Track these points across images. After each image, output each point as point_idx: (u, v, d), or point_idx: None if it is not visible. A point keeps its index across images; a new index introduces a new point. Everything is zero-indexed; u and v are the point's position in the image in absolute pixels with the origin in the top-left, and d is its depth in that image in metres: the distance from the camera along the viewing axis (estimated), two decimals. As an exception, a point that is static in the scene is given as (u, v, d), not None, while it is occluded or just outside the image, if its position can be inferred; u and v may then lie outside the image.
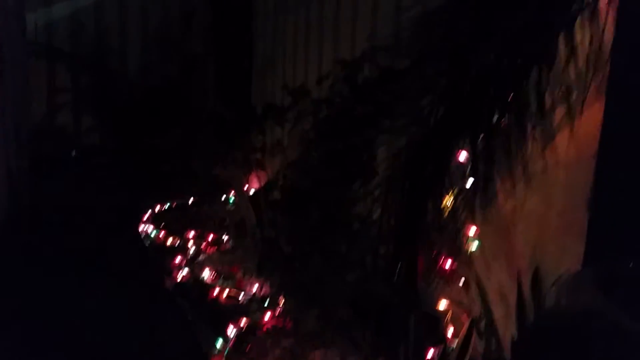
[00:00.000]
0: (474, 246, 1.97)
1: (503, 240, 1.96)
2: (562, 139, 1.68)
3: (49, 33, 5.70)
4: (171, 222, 4.11)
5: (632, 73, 1.52)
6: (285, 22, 3.81)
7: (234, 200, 4.07)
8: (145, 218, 4.16)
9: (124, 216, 4.08)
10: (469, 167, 1.61)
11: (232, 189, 4.04)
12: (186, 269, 3.37)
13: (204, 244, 3.74)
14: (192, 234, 3.79)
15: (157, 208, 4.31)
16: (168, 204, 4.38)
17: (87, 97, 5.77)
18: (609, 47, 1.50)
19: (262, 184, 3.55)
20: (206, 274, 3.24)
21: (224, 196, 4.21)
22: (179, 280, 3.31)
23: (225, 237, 3.78)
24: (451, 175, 1.62)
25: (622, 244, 1.60)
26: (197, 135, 3.74)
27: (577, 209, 1.74)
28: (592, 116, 1.63)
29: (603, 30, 1.45)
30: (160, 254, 3.67)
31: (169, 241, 3.80)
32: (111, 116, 5.73)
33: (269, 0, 4.07)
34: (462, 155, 1.62)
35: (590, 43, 1.47)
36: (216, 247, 3.75)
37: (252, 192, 3.81)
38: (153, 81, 5.72)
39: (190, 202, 4.41)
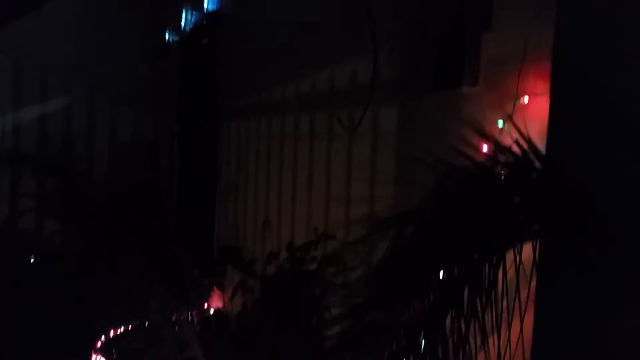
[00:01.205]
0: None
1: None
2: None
3: (16, 136, 5.70)
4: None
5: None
6: (247, 151, 3.83)
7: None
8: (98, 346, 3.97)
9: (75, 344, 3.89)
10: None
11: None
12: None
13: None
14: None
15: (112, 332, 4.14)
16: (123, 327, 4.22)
17: (51, 202, 5.69)
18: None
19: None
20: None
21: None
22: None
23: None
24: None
25: None
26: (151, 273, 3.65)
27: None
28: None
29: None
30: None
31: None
32: (74, 223, 5.64)
33: (233, 128, 4.11)
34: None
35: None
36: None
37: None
38: (119, 187, 5.72)
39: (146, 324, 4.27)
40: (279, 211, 3.32)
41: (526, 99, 1.59)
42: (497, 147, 1.40)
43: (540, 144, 1.55)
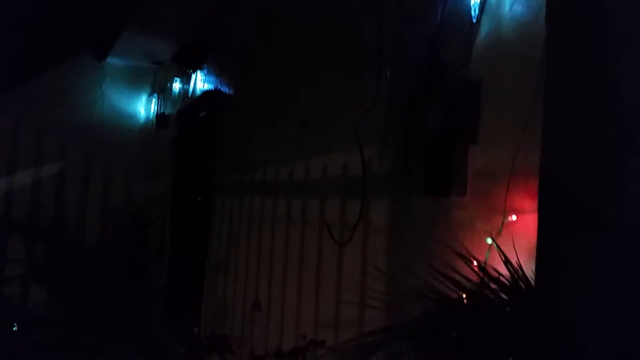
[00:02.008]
0: None
1: None
2: None
3: (7, 201, 5.69)
4: None
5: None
6: (240, 228, 3.83)
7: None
8: None
9: None
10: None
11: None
12: None
13: None
14: None
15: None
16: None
17: (40, 268, 5.62)
18: None
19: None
20: None
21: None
22: None
23: None
24: None
25: None
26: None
27: None
28: None
29: None
30: None
31: None
32: (61, 290, 5.55)
33: (226, 204, 4.13)
34: None
35: None
36: None
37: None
38: (109, 254, 5.67)
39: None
40: (269, 294, 3.28)
41: (514, 217, 1.60)
42: (485, 274, 1.40)
43: (530, 262, 1.56)
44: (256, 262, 3.54)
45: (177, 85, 5.59)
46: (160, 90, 6.02)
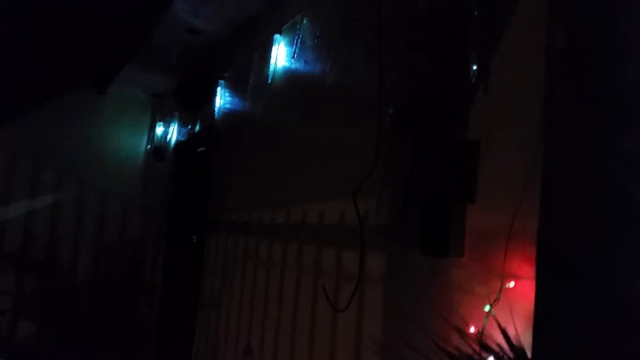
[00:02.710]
0: None
1: None
2: None
3: (0, 233, 5.63)
4: None
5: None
6: (234, 268, 3.78)
7: None
8: None
9: None
10: None
11: None
12: None
13: None
14: None
15: None
16: None
17: (30, 302, 5.54)
18: None
19: None
20: None
21: None
22: None
23: None
24: None
25: None
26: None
27: None
28: None
29: None
30: None
31: None
32: (51, 324, 5.46)
33: (221, 242, 4.09)
34: None
35: None
36: None
37: None
38: (101, 289, 5.60)
39: None
40: (261, 340, 3.22)
41: (512, 284, 1.57)
42: (481, 346, 1.37)
43: (528, 330, 1.53)
44: (250, 305, 3.49)
45: (175, 119, 5.60)
46: (159, 122, 6.04)
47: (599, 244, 1.54)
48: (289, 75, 3.30)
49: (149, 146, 6.18)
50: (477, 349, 1.37)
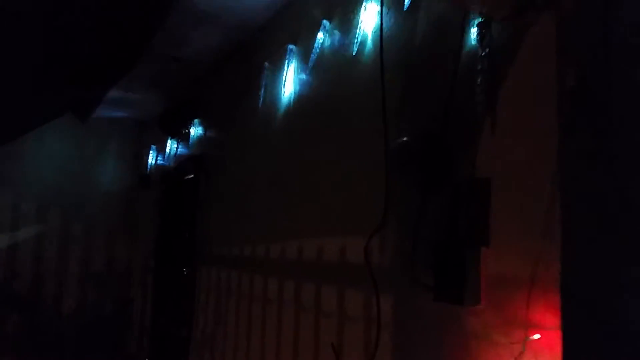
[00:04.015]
0: None
1: None
2: None
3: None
4: None
5: None
6: (227, 304, 3.64)
7: None
8: None
9: None
10: None
11: None
12: None
13: None
14: None
15: None
16: None
17: (14, 338, 5.32)
18: None
19: None
20: None
21: None
22: None
23: None
24: None
25: None
26: None
27: None
28: None
29: None
30: None
31: None
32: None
33: (213, 276, 3.95)
34: None
35: None
36: None
37: None
38: (87, 324, 5.40)
39: None
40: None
41: (537, 336, 1.47)
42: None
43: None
44: (246, 345, 3.34)
45: (162, 146, 5.47)
46: (145, 149, 5.89)
47: (628, 292, 1.45)
48: (282, 103, 3.20)
49: (135, 173, 6.02)
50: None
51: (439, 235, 1.80)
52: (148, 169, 5.69)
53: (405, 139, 1.88)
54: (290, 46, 3.07)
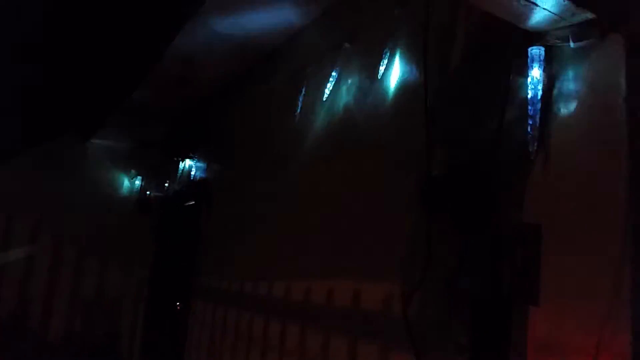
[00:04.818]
0: None
1: None
2: None
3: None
4: None
5: None
6: (222, 342, 3.35)
7: None
8: None
9: None
10: None
11: None
12: None
13: None
14: None
15: None
16: None
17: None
18: None
19: None
20: None
21: None
22: None
23: None
24: None
25: None
26: None
27: None
28: None
29: None
30: None
31: None
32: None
33: (208, 311, 3.67)
34: None
35: None
36: None
37: None
38: (74, 349, 5.10)
39: None
40: None
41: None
42: None
43: None
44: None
45: (163, 170, 5.25)
46: (146, 173, 5.66)
47: None
48: (295, 130, 2.97)
49: (133, 197, 5.77)
50: None
51: (478, 287, 1.55)
52: (147, 193, 5.46)
53: (440, 173, 1.64)
54: (307, 70, 2.87)
